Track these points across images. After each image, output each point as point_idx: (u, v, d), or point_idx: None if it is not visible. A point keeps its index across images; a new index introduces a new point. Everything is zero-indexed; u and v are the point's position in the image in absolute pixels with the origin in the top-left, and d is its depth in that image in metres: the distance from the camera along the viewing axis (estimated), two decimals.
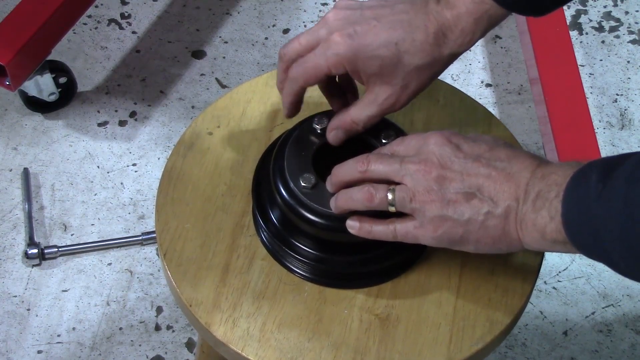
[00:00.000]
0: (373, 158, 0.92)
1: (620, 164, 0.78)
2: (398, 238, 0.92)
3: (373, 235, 0.93)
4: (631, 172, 0.77)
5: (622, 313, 1.66)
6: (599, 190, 0.78)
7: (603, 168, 0.79)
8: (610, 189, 0.77)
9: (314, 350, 0.94)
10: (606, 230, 0.78)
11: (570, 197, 0.82)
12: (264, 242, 1.01)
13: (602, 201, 0.78)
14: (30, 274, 1.67)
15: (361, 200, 0.91)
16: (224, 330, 0.95)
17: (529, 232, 0.86)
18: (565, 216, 0.82)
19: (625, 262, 0.78)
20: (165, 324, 1.63)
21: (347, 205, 0.93)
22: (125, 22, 2.02)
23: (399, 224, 0.91)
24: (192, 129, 1.09)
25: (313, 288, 0.98)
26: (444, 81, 1.15)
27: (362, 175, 0.92)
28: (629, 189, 0.76)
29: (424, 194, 0.88)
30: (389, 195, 0.90)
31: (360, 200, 0.91)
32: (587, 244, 0.81)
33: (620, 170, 0.78)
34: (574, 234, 0.82)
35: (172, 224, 1.02)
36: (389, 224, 0.92)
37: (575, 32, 2.04)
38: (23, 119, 1.87)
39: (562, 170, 0.84)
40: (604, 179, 0.78)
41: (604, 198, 0.78)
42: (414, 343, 0.95)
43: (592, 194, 0.79)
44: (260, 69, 1.95)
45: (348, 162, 0.94)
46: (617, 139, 1.88)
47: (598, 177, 0.79)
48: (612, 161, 0.80)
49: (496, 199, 0.87)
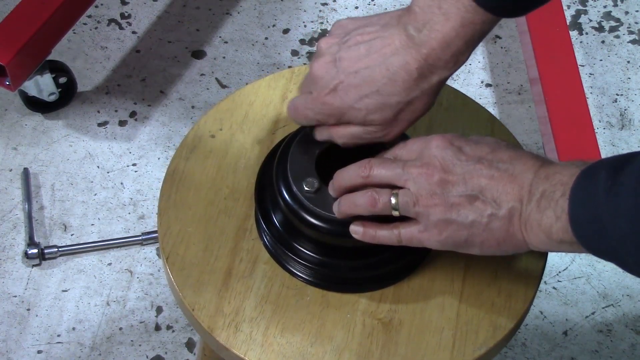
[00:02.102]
0: (375, 163, 0.92)
1: (631, 161, 0.78)
2: (402, 242, 0.91)
3: (377, 240, 0.92)
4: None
5: (622, 313, 1.66)
6: (607, 187, 0.77)
7: (613, 165, 0.79)
8: (620, 185, 0.77)
9: (317, 355, 0.94)
10: (615, 227, 0.77)
11: (577, 194, 0.81)
12: (266, 246, 1.00)
13: (611, 197, 0.77)
14: (30, 274, 1.67)
15: (364, 205, 0.91)
16: (227, 334, 0.95)
17: (534, 232, 0.85)
18: (572, 214, 0.81)
19: (634, 259, 0.78)
20: (165, 324, 1.63)
21: (351, 210, 0.93)
22: (125, 22, 2.02)
23: (403, 228, 0.91)
24: (194, 131, 1.09)
25: (316, 292, 0.98)
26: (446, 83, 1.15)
27: (365, 180, 0.92)
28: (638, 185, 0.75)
29: (428, 198, 0.88)
30: (392, 200, 0.90)
31: (364, 205, 0.91)
32: (594, 241, 0.80)
33: (630, 167, 0.77)
34: (581, 232, 0.81)
35: (175, 228, 1.02)
36: (393, 229, 0.91)
37: (575, 32, 2.04)
38: (23, 119, 1.86)
39: (567, 170, 0.84)
40: (614, 176, 0.78)
41: (613, 194, 0.77)
42: (417, 348, 0.95)
43: (600, 190, 0.78)
44: (260, 69, 1.95)
45: (350, 167, 0.94)
46: (617, 139, 1.88)
47: (607, 173, 0.78)
48: (622, 158, 0.79)
49: (499, 200, 0.87)
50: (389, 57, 0.92)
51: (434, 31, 0.90)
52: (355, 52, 0.94)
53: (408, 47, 0.91)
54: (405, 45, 0.91)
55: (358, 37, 0.94)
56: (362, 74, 0.93)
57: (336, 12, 2.05)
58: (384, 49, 0.92)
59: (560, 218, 0.82)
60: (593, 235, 0.80)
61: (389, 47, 0.92)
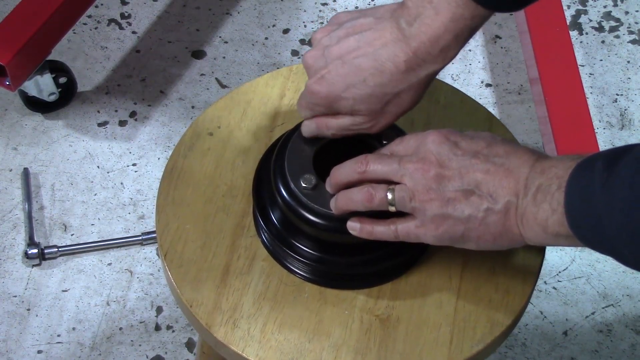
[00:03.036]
0: (371, 158, 0.92)
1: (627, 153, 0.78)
2: (400, 238, 0.92)
3: (374, 236, 0.93)
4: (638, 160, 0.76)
5: (622, 313, 1.66)
6: (603, 178, 0.78)
7: (609, 157, 0.79)
8: (616, 176, 0.77)
9: (315, 351, 0.94)
10: (611, 218, 0.77)
11: (573, 186, 0.81)
12: (264, 243, 1.00)
13: (606, 188, 0.77)
14: (30, 274, 1.67)
15: (361, 201, 0.91)
16: (225, 331, 0.95)
17: (530, 226, 0.85)
18: (568, 206, 0.81)
19: (630, 250, 0.78)
20: (165, 324, 1.63)
21: (347, 207, 0.93)
22: (125, 22, 2.02)
23: (400, 223, 0.91)
24: (192, 129, 1.09)
25: (314, 289, 0.98)
26: (444, 82, 1.15)
27: (361, 176, 0.92)
28: (635, 175, 0.75)
29: (424, 193, 0.88)
30: (389, 195, 0.90)
31: (360, 200, 0.91)
32: (590, 234, 0.80)
33: (626, 159, 0.77)
34: (576, 224, 0.81)
35: (173, 225, 1.02)
36: (390, 224, 0.92)
37: (575, 32, 2.04)
38: (23, 119, 1.86)
39: (563, 163, 0.84)
40: (609, 167, 0.78)
41: (608, 185, 0.77)
42: (415, 344, 0.95)
43: (596, 182, 0.78)
44: (260, 69, 1.95)
45: (347, 163, 0.94)
46: (617, 139, 1.88)
47: (603, 166, 0.78)
48: (619, 151, 0.79)
49: (495, 195, 0.87)
50: (378, 48, 0.92)
51: (424, 25, 0.90)
52: (346, 43, 0.94)
53: (398, 40, 0.92)
54: (395, 38, 0.92)
55: (350, 29, 0.95)
56: (350, 63, 0.93)
57: (336, 12, 2.05)
58: (375, 41, 0.93)
59: (556, 211, 0.82)
60: (589, 227, 0.80)
61: (379, 40, 0.93)
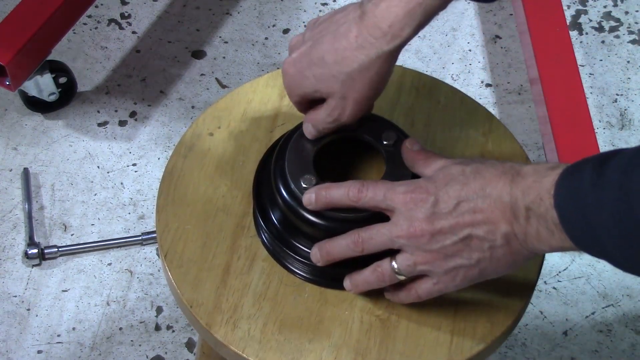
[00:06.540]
0: (364, 236, 0.92)
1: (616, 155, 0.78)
2: (424, 299, 0.93)
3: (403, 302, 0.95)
4: (628, 161, 0.76)
5: (622, 313, 1.66)
6: (593, 180, 0.78)
7: (598, 160, 0.79)
8: (605, 178, 0.77)
9: (315, 352, 0.94)
10: (601, 219, 0.77)
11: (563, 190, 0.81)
12: (264, 243, 1.00)
13: (596, 190, 0.77)
14: (30, 274, 1.67)
15: (377, 282, 0.93)
16: (225, 331, 0.95)
17: (535, 246, 0.86)
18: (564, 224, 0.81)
19: (621, 252, 0.78)
20: (165, 324, 1.63)
21: (365, 287, 0.95)
22: (125, 22, 2.02)
23: (418, 287, 0.92)
24: (192, 129, 1.09)
25: (314, 289, 0.98)
26: (444, 82, 1.15)
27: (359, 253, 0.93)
28: (624, 176, 0.75)
29: (426, 256, 0.89)
30: (395, 268, 0.91)
31: (375, 281, 0.93)
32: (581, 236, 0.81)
33: (615, 160, 0.77)
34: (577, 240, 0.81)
35: (173, 225, 1.02)
36: (410, 290, 0.93)
37: (575, 32, 2.04)
38: (23, 119, 1.86)
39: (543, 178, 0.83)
40: (599, 169, 0.78)
41: (598, 186, 0.77)
42: (415, 344, 0.95)
43: (585, 184, 0.78)
44: (260, 69, 1.95)
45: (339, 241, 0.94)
46: (617, 139, 1.88)
47: (593, 167, 0.79)
48: (608, 153, 0.79)
49: (491, 232, 0.87)
50: (339, 26, 0.94)
51: (380, 2, 0.92)
52: (320, 26, 0.97)
53: (355, 17, 0.93)
54: (354, 16, 0.93)
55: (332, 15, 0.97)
56: (315, 41, 0.95)
57: None
58: (340, 20, 0.95)
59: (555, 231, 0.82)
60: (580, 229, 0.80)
61: (343, 19, 0.94)
